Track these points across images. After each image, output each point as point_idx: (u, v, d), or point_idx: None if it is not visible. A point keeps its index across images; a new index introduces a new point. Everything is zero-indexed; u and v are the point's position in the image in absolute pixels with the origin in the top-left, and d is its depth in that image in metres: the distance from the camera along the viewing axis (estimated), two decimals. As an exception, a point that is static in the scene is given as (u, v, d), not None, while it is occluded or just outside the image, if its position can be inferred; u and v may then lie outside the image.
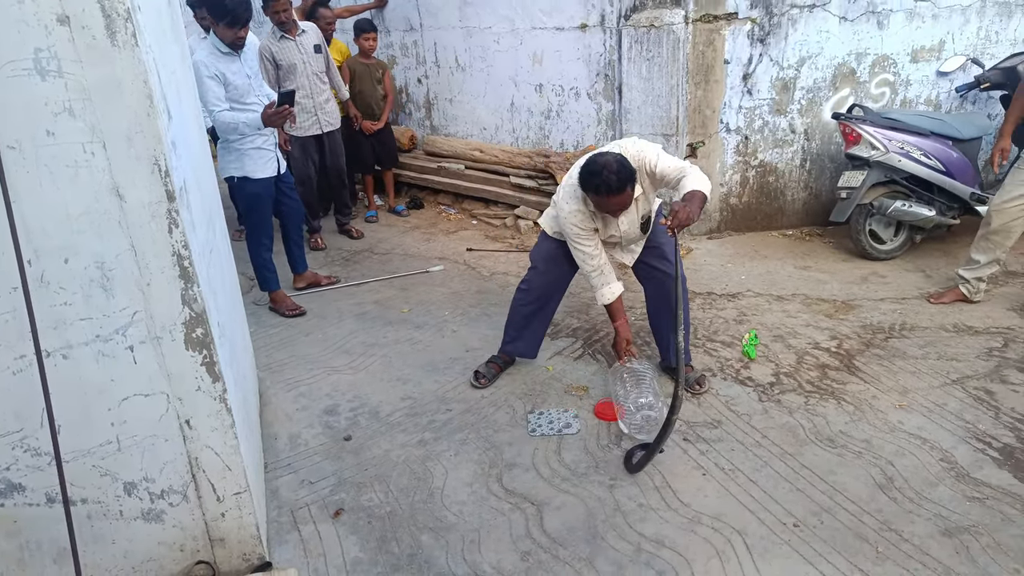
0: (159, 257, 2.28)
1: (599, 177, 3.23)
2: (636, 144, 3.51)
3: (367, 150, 7.14)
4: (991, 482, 3.09)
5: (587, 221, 3.57)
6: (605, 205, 3.36)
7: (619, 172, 3.22)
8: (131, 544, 2.64)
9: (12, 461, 2.40)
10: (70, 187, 2.14)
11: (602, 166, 3.23)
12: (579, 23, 6.20)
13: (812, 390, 3.83)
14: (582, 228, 3.58)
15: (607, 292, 3.69)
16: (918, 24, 5.72)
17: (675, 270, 3.33)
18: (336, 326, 4.95)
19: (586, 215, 3.56)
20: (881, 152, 5.15)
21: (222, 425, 2.56)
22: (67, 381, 2.34)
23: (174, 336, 2.39)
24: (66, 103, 2.05)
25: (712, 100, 5.80)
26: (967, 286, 4.64)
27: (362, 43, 6.79)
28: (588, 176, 3.29)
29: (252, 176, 4.79)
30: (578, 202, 3.53)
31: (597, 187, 3.26)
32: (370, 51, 6.83)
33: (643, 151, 3.47)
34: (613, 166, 3.22)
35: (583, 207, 3.53)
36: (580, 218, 3.56)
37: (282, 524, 3.12)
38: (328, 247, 6.58)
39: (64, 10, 1.97)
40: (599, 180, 3.23)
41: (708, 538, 2.88)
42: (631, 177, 3.28)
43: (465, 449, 3.54)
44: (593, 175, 3.26)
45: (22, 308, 2.18)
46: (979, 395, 3.71)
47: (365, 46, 6.79)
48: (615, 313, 3.75)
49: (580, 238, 3.61)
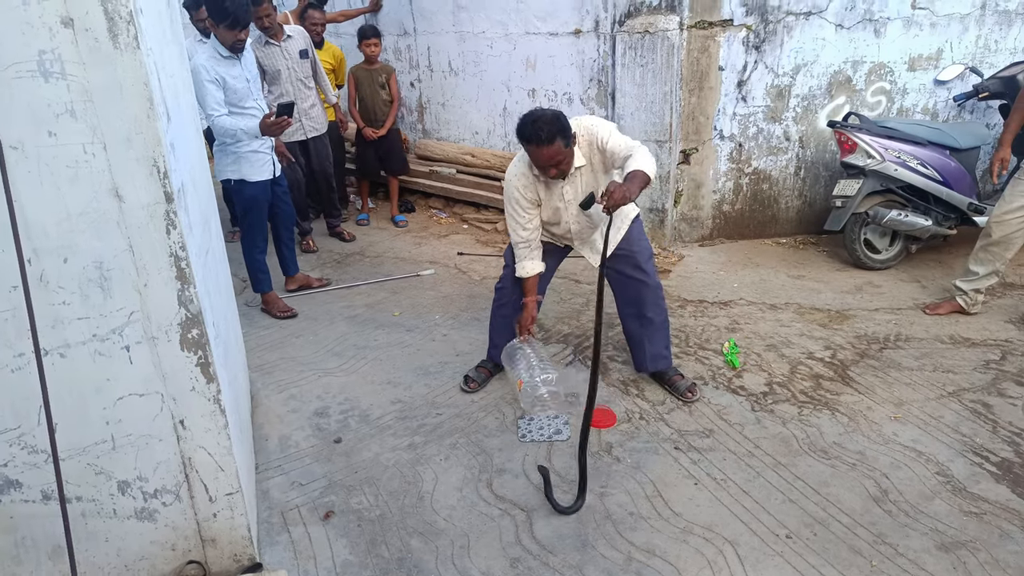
0: (156, 258, 2.30)
1: (532, 126, 3.27)
2: (591, 119, 3.58)
3: (371, 156, 7.10)
4: (988, 497, 3.09)
5: (529, 190, 3.61)
6: (538, 157, 3.36)
7: (551, 123, 3.26)
8: (124, 542, 2.65)
9: (9, 458, 2.42)
10: (70, 187, 2.15)
11: (536, 116, 3.29)
12: (573, 28, 6.20)
13: (806, 400, 3.83)
14: (523, 195, 3.62)
15: (528, 266, 3.75)
16: (916, 32, 5.73)
17: (605, 245, 3.33)
18: (327, 328, 4.95)
19: (529, 181, 3.60)
20: (877, 161, 5.16)
21: (216, 426, 2.57)
22: (64, 380, 2.35)
23: (170, 336, 2.40)
24: (68, 104, 2.07)
25: (706, 107, 5.80)
26: (964, 298, 4.63)
27: (363, 49, 6.75)
28: (522, 125, 3.33)
29: (249, 179, 4.81)
30: (524, 165, 3.58)
31: (529, 136, 3.29)
32: (373, 57, 6.78)
33: (595, 125, 3.52)
34: (547, 116, 3.28)
35: (527, 171, 3.57)
36: (523, 183, 3.60)
37: (272, 525, 3.11)
38: (320, 249, 6.58)
39: (68, 12, 1.99)
40: (531, 130, 3.28)
41: (699, 548, 2.88)
42: (564, 131, 3.31)
43: (455, 454, 3.54)
44: (527, 124, 3.30)
45: (21, 307, 2.19)
46: (976, 408, 3.71)
47: (367, 52, 6.75)
48: (528, 289, 3.80)
49: (518, 205, 3.64)
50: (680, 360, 4.24)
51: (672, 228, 6.10)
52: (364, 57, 6.82)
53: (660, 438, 3.58)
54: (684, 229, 6.16)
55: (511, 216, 3.70)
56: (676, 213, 6.08)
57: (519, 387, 3.70)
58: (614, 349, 4.44)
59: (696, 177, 5.97)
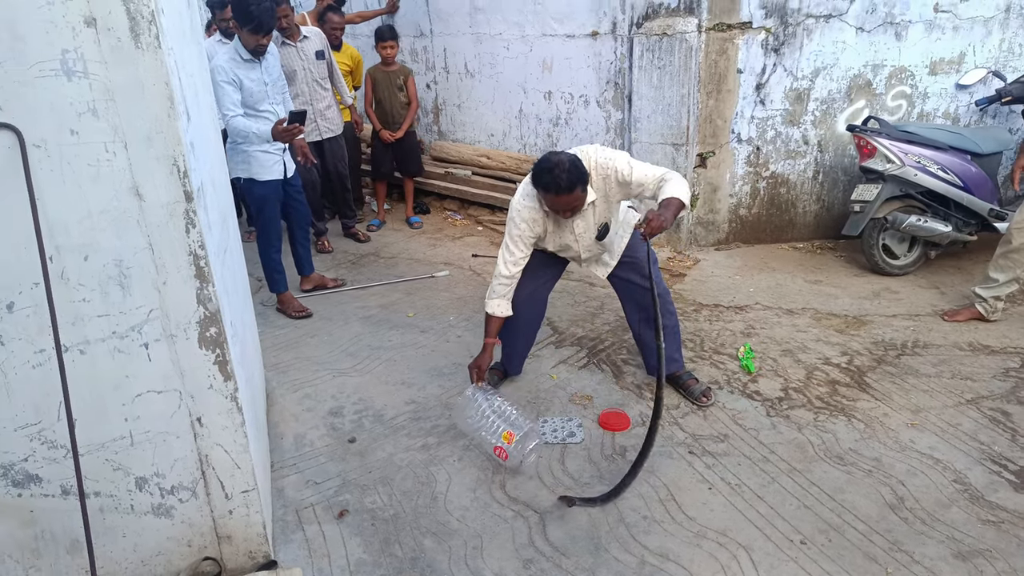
0: (176, 256, 2.32)
1: (550, 175, 3.21)
2: (602, 151, 3.47)
3: (387, 158, 7.08)
4: (1007, 506, 3.06)
5: (537, 225, 3.53)
6: (554, 204, 3.33)
7: (570, 171, 3.20)
8: (140, 538, 2.67)
9: (30, 452, 2.44)
10: (92, 186, 2.18)
11: (554, 164, 3.21)
12: (590, 30, 6.20)
13: (822, 406, 3.81)
14: (529, 230, 3.53)
15: (501, 305, 3.64)
16: (937, 36, 5.69)
17: (651, 281, 3.35)
18: (342, 328, 4.97)
19: (536, 216, 3.51)
20: (897, 166, 5.11)
21: (232, 423, 2.59)
22: (83, 376, 2.37)
23: (188, 334, 2.42)
24: (90, 103, 2.09)
25: (724, 110, 5.79)
26: (984, 305, 4.58)
27: (380, 51, 6.71)
28: (539, 173, 3.26)
29: (258, 178, 4.86)
30: (532, 199, 3.49)
31: (547, 185, 3.24)
32: (390, 59, 6.75)
33: (611, 159, 3.43)
34: (565, 164, 3.21)
35: (536, 205, 3.49)
36: (529, 215, 3.51)
37: (287, 523, 3.13)
38: (335, 250, 6.60)
39: (91, 12, 2.01)
40: (549, 178, 3.21)
41: (713, 553, 2.87)
42: (582, 178, 3.26)
43: (468, 455, 3.54)
44: (544, 172, 3.23)
45: (43, 303, 2.22)
46: (995, 416, 3.67)
47: (383, 54, 6.71)
48: (492, 331, 3.68)
49: (520, 240, 3.55)
50: (695, 364, 4.23)
51: (688, 232, 6.09)
52: (381, 59, 6.80)
53: (674, 442, 3.57)
54: (700, 233, 6.14)
55: (507, 247, 3.58)
56: (692, 217, 6.06)
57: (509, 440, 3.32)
58: (627, 353, 4.44)
59: (713, 181, 5.95)
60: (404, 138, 6.98)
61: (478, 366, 3.64)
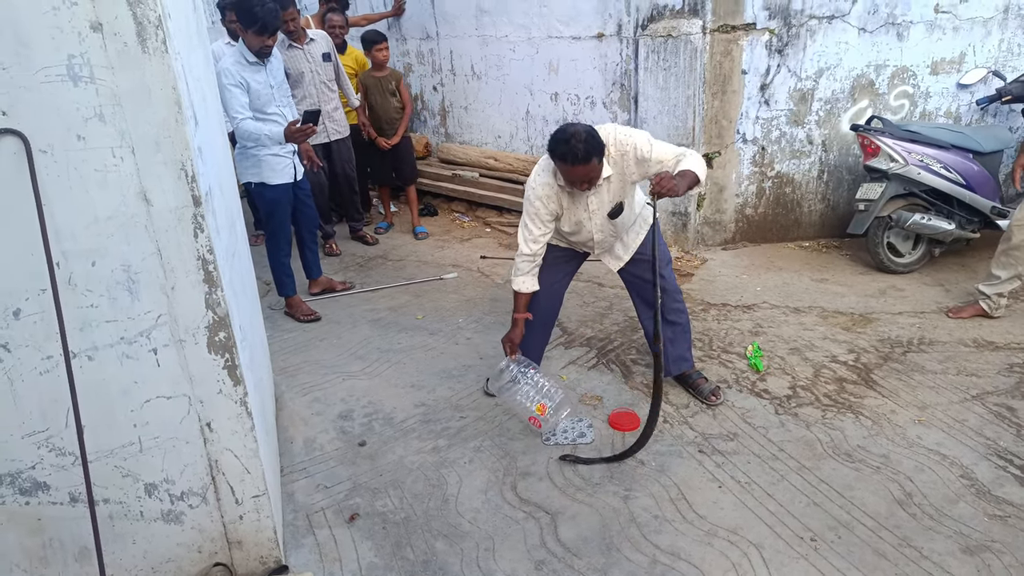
0: (184, 261, 2.32)
1: (566, 145, 3.19)
2: (621, 128, 3.46)
3: (384, 164, 7.00)
4: (1013, 500, 3.06)
5: (552, 200, 3.50)
6: (570, 175, 3.30)
7: (587, 141, 3.18)
8: (150, 544, 2.67)
9: (38, 460, 2.44)
10: (99, 191, 2.17)
11: (571, 134, 3.19)
12: (596, 32, 6.20)
13: (829, 404, 3.81)
14: (544, 207, 3.51)
15: (528, 282, 3.64)
16: (939, 36, 5.70)
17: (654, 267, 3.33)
18: (351, 332, 4.97)
19: (552, 193, 3.49)
20: (900, 164, 5.13)
21: (242, 428, 2.58)
22: (91, 382, 2.37)
23: (197, 339, 2.42)
24: (97, 108, 2.09)
25: (729, 110, 5.79)
26: (987, 302, 4.59)
27: (374, 55, 6.60)
28: (555, 143, 3.24)
29: (269, 182, 4.84)
30: (548, 175, 3.47)
31: (564, 155, 3.21)
32: (382, 63, 6.66)
33: (630, 135, 3.41)
34: (581, 135, 3.19)
35: (552, 180, 3.46)
36: (546, 192, 3.48)
37: (298, 528, 3.13)
38: (343, 253, 6.62)
39: (97, 17, 2.01)
40: (565, 148, 3.19)
41: (724, 551, 2.87)
42: (599, 149, 3.25)
43: (479, 457, 3.54)
44: (560, 142, 3.21)
45: (51, 309, 2.22)
46: (1000, 411, 3.67)
47: (377, 58, 6.60)
48: (521, 306, 3.69)
49: (537, 217, 3.52)
50: (703, 364, 4.23)
51: (695, 232, 6.09)
52: (373, 63, 6.69)
53: (684, 441, 3.57)
54: (707, 233, 6.14)
55: (526, 226, 3.56)
56: (699, 217, 6.06)
57: (542, 412, 3.53)
58: (637, 353, 4.44)
59: (719, 181, 5.95)
60: (399, 145, 6.88)
61: (511, 340, 3.69)
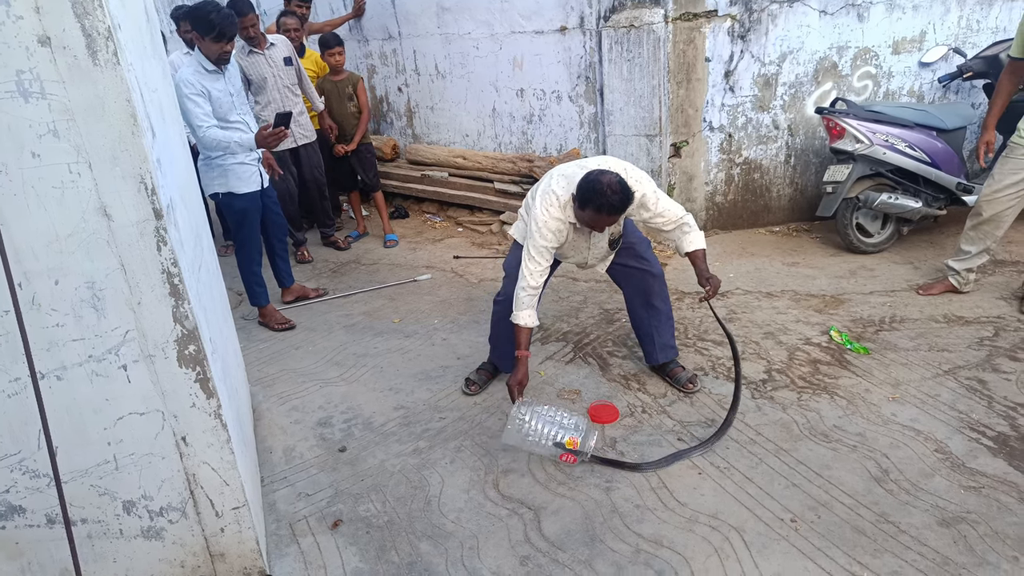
0: (149, 275, 2.29)
1: (603, 197, 3.20)
2: (632, 170, 3.47)
3: (346, 169, 6.94)
4: (986, 471, 3.10)
5: (560, 235, 3.51)
6: (595, 221, 3.34)
7: (622, 193, 3.23)
8: (132, 562, 2.65)
9: (11, 484, 2.41)
10: (57, 208, 2.14)
11: (606, 185, 3.20)
12: (558, 26, 6.21)
13: (804, 385, 3.84)
14: (555, 241, 3.50)
15: (530, 316, 3.56)
16: (899, 15, 5.75)
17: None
18: (326, 338, 4.95)
19: (563, 228, 3.49)
20: (866, 145, 5.17)
21: (218, 441, 2.56)
22: (62, 402, 2.35)
23: (167, 354, 2.40)
24: (50, 124, 2.06)
25: (695, 99, 5.81)
26: (957, 277, 4.65)
27: (329, 60, 6.50)
28: (592, 194, 3.23)
29: (237, 191, 4.78)
30: (559, 210, 3.45)
31: (599, 206, 3.23)
32: (338, 67, 6.55)
33: (640, 181, 3.45)
34: (616, 187, 3.22)
35: (563, 216, 3.46)
36: (557, 227, 3.47)
37: (281, 537, 3.11)
38: (315, 259, 6.59)
39: (45, 31, 1.97)
40: (602, 200, 3.21)
41: (706, 536, 2.88)
42: (631, 199, 3.31)
43: (460, 456, 3.54)
44: (598, 194, 3.21)
45: (15, 331, 2.18)
46: (972, 385, 3.72)
47: (332, 62, 6.50)
48: (523, 341, 3.58)
49: (543, 251, 3.50)
50: (680, 352, 4.24)
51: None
52: (330, 68, 6.61)
53: (663, 430, 3.59)
54: (678, 222, 6.16)
55: (533, 259, 3.49)
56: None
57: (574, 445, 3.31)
58: (613, 345, 4.45)
59: (688, 170, 5.98)
60: (358, 149, 6.79)
61: (518, 383, 3.54)
